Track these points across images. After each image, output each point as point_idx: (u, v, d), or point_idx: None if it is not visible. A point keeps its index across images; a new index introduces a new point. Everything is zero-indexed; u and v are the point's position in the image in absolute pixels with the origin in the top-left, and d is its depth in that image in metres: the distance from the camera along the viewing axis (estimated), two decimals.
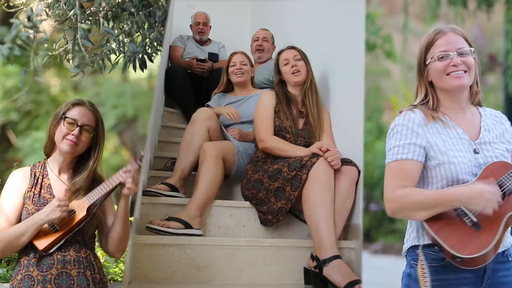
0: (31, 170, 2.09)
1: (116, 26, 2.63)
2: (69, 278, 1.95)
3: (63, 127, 2.06)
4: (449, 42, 1.76)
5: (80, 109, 2.09)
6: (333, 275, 2.48)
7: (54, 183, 2.08)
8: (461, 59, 1.74)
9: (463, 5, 4.80)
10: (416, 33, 5.46)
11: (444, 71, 1.75)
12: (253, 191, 2.86)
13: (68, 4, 2.39)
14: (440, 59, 1.75)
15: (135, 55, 2.57)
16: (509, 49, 4.85)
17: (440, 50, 1.76)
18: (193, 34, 4.74)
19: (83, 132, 2.07)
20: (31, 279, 1.94)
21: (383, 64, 5.88)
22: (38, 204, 2.00)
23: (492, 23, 4.93)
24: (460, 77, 1.73)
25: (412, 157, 1.71)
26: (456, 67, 1.73)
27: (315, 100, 3.06)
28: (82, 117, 2.07)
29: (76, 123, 2.06)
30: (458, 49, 1.74)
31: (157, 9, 2.60)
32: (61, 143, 2.06)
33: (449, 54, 1.74)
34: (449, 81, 1.75)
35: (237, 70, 3.48)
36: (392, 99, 6.64)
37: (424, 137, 1.73)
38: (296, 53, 3.11)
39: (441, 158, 1.71)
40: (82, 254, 2.01)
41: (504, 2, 4.70)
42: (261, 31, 4.23)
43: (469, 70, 1.74)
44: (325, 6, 3.51)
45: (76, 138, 2.05)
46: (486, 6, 4.78)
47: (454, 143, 1.74)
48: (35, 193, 2.03)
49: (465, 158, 1.72)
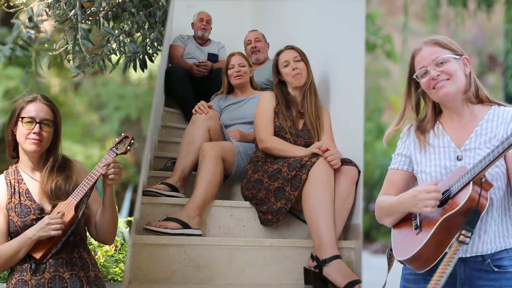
0: (5, 179, 2.04)
1: (116, 26, 2.63)
2: (62, 281, 1.95)
3: (22, 128, 2.00)
4: (423, 57, 1.77)
5: (35, 105, 2.03)
6: (333, 275, 2.49)
7: (31, 187, 2.03)
8: (439, 69, 1.74)
9: (463, 5, 4.80)
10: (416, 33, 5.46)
11: (429, 87, 1.76)
12: (253, 191, 2.86)
13: (69, 4, 2.39)
14: (422, 77, 1.77)
15: (136, 55, 2.57)
16: (509, 49, 4.86)
17: (419, 68, 1.78)
18: (195, 32, 4.73)
19: (43, 128, 2.01)
20: (25, 283, 1.93)
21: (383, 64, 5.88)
22: (21, 214, 1.97)
23: (492, 23, 4.93)
24: (442, 87, 1.74)
25: (397, 167, 1.87)
26: (436, 80, 1.74)
27: (314, 101, 3.06)
28: (38, 113, 2.01)
29: (34, 120, 2.00)
30: (433, 60, 1.75)
31: (157, 9, 2.60)
32: (25, 144, 2.01)
33: (426, 69, 1.76)
34: (435, 94, 1.76)
35: (235, 73, 3.48)
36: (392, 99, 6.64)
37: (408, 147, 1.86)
38: (296, 54, 3.09)
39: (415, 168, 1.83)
40: (75, 255, 2.00)
41: (504, 2, 4.70)
42: (251, 33, 4.23)
43: (451, 77, 1.74)
44: (325, 6, 3.51)
45: (38, 135, 1.99)
46: (486, 6, 4.78)
47: (435, 152, 1.79)
48: (16, 203, 1.99)
49: (439, 166, 1.76)
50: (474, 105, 1.79)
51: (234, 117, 3.42)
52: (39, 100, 2.04)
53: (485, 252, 1.69)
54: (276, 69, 3.13)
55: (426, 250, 1.64)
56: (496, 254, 1.69)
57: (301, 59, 3.08)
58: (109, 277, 2.75)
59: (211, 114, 3.27)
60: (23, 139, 2.01)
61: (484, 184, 1.61)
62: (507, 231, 1.70)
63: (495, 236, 1.69)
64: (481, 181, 1.61)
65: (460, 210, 1.60)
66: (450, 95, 1.75)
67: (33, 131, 1.99)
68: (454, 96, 1.76)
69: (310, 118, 3.02)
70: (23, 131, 2.00)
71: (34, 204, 1.99)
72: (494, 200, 1.68)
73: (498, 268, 1.68)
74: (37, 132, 2.00)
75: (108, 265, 2.80)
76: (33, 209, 1.98)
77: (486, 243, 1.69)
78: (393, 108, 6.69)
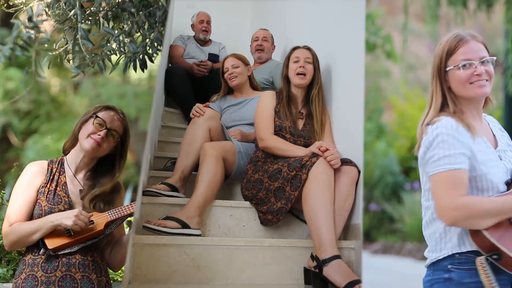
0: (48, 165, 2.10)
1: (116, 26, 2.63)
2: (73, 281, 1.96)
3: (91, 126, 2.08)
4: (472, 50, 1.75)
5: (111, 113, 2.12)
6: (333, 275, 2.48)
7: (69, 181, 2.08)
8: (483, 68, 1.74)
9: (463, 5, 4.80)
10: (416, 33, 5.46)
11: (468, 80, 1.74)
12: (253, 191, 2.86)
13: (68, 4, 2.39)
14: (464, 68, 1.75)
15: (136, 55, 2.57)
16: (509, 49, 4.86)
17: (463, 58, 1.75)
18: (196, 34, 4.73)
19: (109, 136, 2.09)
20: (35, 279, 1.94)
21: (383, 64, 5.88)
22: (52, 202, 2.01)
23: (492, 23, 4.94)
24: (483, 86, 1.74)
25: (464, 167, 1.69)
26: (480, 76, 1.74)
27: (321, 106, 3.07)
28: (112, 121, 2.11)
29: (105, 124, 2.08)
30: (481, 58, 1.75)
31: (157, 9, 2.60)
32: (85, 141, 2.07)
33: (473, 63, 1.74)
34: (473, 89, 1.75)
35: (230, 75, 3.49)
36: (392, 99, 6.65)
37: (468, 146, 1.72)
38: (309, 55, 3.09)
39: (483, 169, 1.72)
40: (88, 258, 2.02)
41: (504, 2, 4.71)
42: (261, 31, 4.23)
43: (490, 79, 1.75)
44: (325, 6, 3.51)
45: (102, 139, 2.07)
46: (486, 6, 4.79)
47: (486, 153, 1.75)
48: (50, 190, 2.03)
49: (498, 167, 1.74)
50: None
51: (235, 118, 3.42)
52: (117, 112, 2.15)
53: None
54: (287, 61, 3.14)
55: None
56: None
57: (311, 62, 3.09)
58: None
59: (211, 114, 3.27)
60: (86, 135, 2.08)
61: None
62: None
63: None
64: None
65: None
66: (486, 95, 1.78)
67: (99, 133, 2.07)
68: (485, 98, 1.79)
69: (317, 122, 3.02)
70: (90, 128, 2.09)
71: (67, 198, 2.04)
72: None
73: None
74: (102, 136, 2.07)
75: None
76: (64, 201, 2.03)
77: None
78: (393, 108, 6.70)
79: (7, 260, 2.57)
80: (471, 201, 1.68)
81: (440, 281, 1.74)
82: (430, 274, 1.78)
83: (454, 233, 1.73)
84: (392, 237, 6.22)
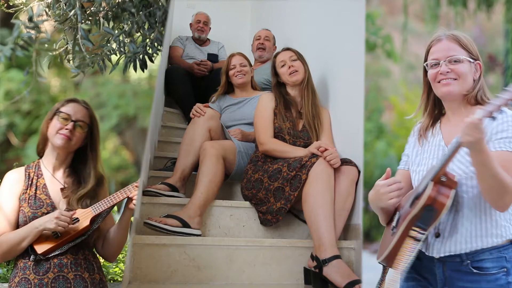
0: (25, 170, 2.08)
1: (116, 26, 2.63)
2: (66, 282, 1.96)
3: (57, 122, 2.06)
4: (440, 49, 1.77)
5: (74, 105, 2.09)
6: (333, 275, 2.49)
7: (49, 182, 2.07)
8: (450, 66, 1.74)
9: (463, 5, 4.80)
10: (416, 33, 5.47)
11: (435, 79, 1.77)
12: (253, 191, 2.86)
13: (68, 4, 2.39)
14: (432, 67, 1.78)
15: (136, 55, 2.57)
16: (509, 49, 4.86)
17: (432, 58, 1.78)
18: (192, 33, 4.73)
19: (76, 128, 2.07)
20: (28, 282, 1.94)
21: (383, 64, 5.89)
22: (34, 206, 2.00)
23: (492, 23, 4.94)
24: (447, 85, 1.75)
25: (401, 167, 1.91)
26: (444, 75, 1.75)
27: (311, 100, 3.07)
28: (76, 113, 2.08)
29: (70, 118, 2.06)
30: (448, 57, 1.75)
31: (157, 9, 2.60)
32: (54, 138, 2.05)
33: (438, 62, 1.76)
34: (439, 88, 1.77)
35: (237, 72, 3.48)
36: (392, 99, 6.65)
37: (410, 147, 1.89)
38: (291, 54, 3.12)
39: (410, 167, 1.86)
40: (80, 256, 2.01)
41: (504, 2, 4.71)
42: (263, 31, 4.24)
43: (459, 78, 1.74)
44: (324, 6, 3.51)
45: (70, 132, 2.05)
46: (486, 6, 4.79)
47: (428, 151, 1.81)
48: (31, 195, 2.02)
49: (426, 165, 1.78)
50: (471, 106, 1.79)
51: (235, 118, 3.42)
52: (79, 103, 2.12)
53: (460, 252, 1.67)
54: (274, 70, 3.15)
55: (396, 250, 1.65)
56: (477, 256, 1.66)
57: (297, 58, 3.11)
58: (109, 277, 2.75)
59: (211, 114, 3.27)
60: (54, 132, 2.06)
61: (446, 182, 1.61)
62: (485, 230, 1.66)
63: (471, 236, 1.67)
64: (441, 180, 1.61)
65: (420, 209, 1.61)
66: (452, 94, 1.76)
67: (66, 127, 2.05)
68: (455, 96, 1.77)
69: (308, 117, 3.03)
70: (56, 125, 2.06)
71: (48, 200, 2.03)
72: (466, 198, 1.67)
73: (478, 269, 1.65)
74: (70, 129, 2.05)
75: (108, 265, 2.81)
76: (46, 204, 2.01)
77: (459, 242, 1.67)
78: (393, 108, 6.70)
79: (7, 260, 2.57)
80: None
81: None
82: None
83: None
84: None
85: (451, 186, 1.61)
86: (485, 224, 1.67)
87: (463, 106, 1.79)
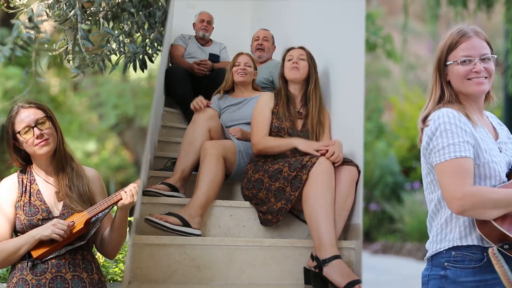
0: (18, 177, 2.06)
1: (116, 27, 2.63)
2: (63, 282, 1.95)
3: (24, 139, 2.01)
4: (473, 46, 1.75)
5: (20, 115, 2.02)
6: (333, 275, 2.49)
7: (42, 187, 2.05)
8: (483, 65, 1.74)
9: (463, 5, 4.80)
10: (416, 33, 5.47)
11: (466, 76, 1.75)
12: (253, 191, 2.86)
13: (68, 5, 2.39)
14: (463, 64, 1.75)
15: (135, 55, 2.57)
16: (509, 49, 4.86)
17: (463, 54, 1.75)
18: (196, 32, 4.73)
19: (41, 127, 2.02)
20: (26, 282, 1.93)
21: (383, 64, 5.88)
22: (29, 213, 1.98)
23: (492, 23, 4.94)
24: (481, 83, 1.74)
25: (470, 155, 1.68)
26: (478, 74, 1.74)
27: (318, 103, 3.07)
28: (28, 117, 2.02)
29: (30, 125, 2.01)
30: (482, 55, 1.74)
31: (157, 9, 2.60)
32: (37, 151, 2.02)
33: (472, 59, 1.74)
34: (470, 86, 1.75)
35: (240, 70, 3.49)
36: (392, 99, 6.66)
37: (472, 135, 1.71)
38: (302, 52, 3.13)
39: (486, 157, 1.71)
40: (78, 256, 2.01)
41: (504, 2, 4.71)
42: (262, 31, 4.24)
43: (489, 76, 1.75)
44: (325, 6, 3.51)
45: (42, 136, 2.01)
46: (486, 6, 4.79)
47: (488, 142, 1.75)
48: (25, 202, 2.00)
49: (499, 156, 1.74)
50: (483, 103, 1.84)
51: (235, 118, 3.42)
52: (21, 108, 2.04)
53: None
54: (282, 62, 3.18)
55: None
56: None
57: (305, 59, 3.11)
58: (109, 277, 2.74)
59: (211, 114, 3.27)
60: (32, 147, 2.02)
61: None
62: None
63: None
64: None
65: None
66: (484, 93, 1.78)
67: (36, 136, 2.00)
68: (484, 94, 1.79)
69: (312, 122, 3.03)
70: (28, 141, 2.01)
71: (43, 205, 2.01)
72: None
73: None
74: (39, 134, 2.01)
75: (107, 265, 2.80)
76: (41, 210, 2.00)
77: None
78: (393, 108, 6.71)
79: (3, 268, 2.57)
80: (479, 191, 1.66)
81: (436, 278, 1.73)
82: (428, 268, 1.77)
83: (456, 224, 1.72)
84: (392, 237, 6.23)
85: None
86: None
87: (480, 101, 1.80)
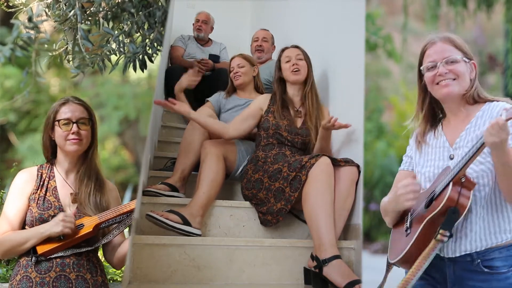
0: (38, 171, 2.08)
1: (116, 27, 2.63)
2: (67, 281, 1.95)
3: (60, 130, 2.05)
4: (436, 51, 1.79)
5: (68, 107, 2.08)
6: (333, 275, 2.48)
7: (60, 186, 2.07)
8: (448, 67, 1.76)
9: (463, 5, 4.81)
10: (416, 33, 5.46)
11: (433, 81, 1.78)
12: (253, 191, 2.86)
13: (68, 5, 2.39)
14: (429, 70, 1.79)
15: (135, 55, 2.57)
16: (509, 49, 4.87)
17: (428, 61, 1.80)
18: (193, 32, 4.74)
19: (81, 127, 2.06)
20: (30, 280, 1.94)
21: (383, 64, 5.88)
22: (42, 207, 1.99)
23: (492, 23, 4.94)
24: (446, 86, 1.76)
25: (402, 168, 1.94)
26: (443, 76, 1.76)
27: (315, 102, 3.08)
28: (73, 113, 2.07)
29: (71, 120, 2.05)
30: (445, 58, 1.76)
31: (157, 9, 2.60)
32: (66, 146, 2.05)
33: (435, 64, 1.77)
34: (438, 90, 1.79)
35: (234, 74, 3.50)
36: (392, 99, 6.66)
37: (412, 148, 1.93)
38: (299, 52, 3.13)
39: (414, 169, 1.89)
40: (83, 257, 2.01)
41: (504, 2, 4.71)
42: (261, 31, 4.24)
43: (458, 78, 1.76)
44: (325, 6, 3.51)
45: (77, 134, 2.04)
46: (486, 6, 4.79)
47: (432, 152, 1.83)
48: (40, 196, 2.02)
49: (433, 166, 1.79)
50: (471, 106, 1.81)
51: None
52: (71, 101, 2.10)
53: (473, 250, 1.68)
54: (278, 64, 3.17)
55: (413, 251, 1.64)
56: (487, 254, 1.67)
57: (303, 58, 3.11)
58: (109, 277, 2.75)
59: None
60: (63, 141, 2.05)
61: (465, 183, 1.61)
62: (498, 227, 1.68)
63: (484, 233, 1.68)
64: (461, 181, 1.61)
65: (441, 210, 1.61)
66: (452, 95, 1.77)
67: (72, 131, 2.04)
68: (455, 97, 1.78)
69: (311, 119, 3.03)
70: (61, 133, 2.05)
71: (57, 202, 2.03)
72: (478, 197, 1.68)
73: (489, 268, 1.66)
74: (76, 131, 2.04)
75: (108, 265, 2.81)
76: (54, 206, 2.01)
77: (473, 240, 1.68)
78: (393, 108, 6.71)
79: (6, 260, 2.57)
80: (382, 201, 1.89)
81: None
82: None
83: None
84: None
85: (470, 187, 1.62)
86: (498, 221, 1.68)
87: (462, 106, 1.80)
